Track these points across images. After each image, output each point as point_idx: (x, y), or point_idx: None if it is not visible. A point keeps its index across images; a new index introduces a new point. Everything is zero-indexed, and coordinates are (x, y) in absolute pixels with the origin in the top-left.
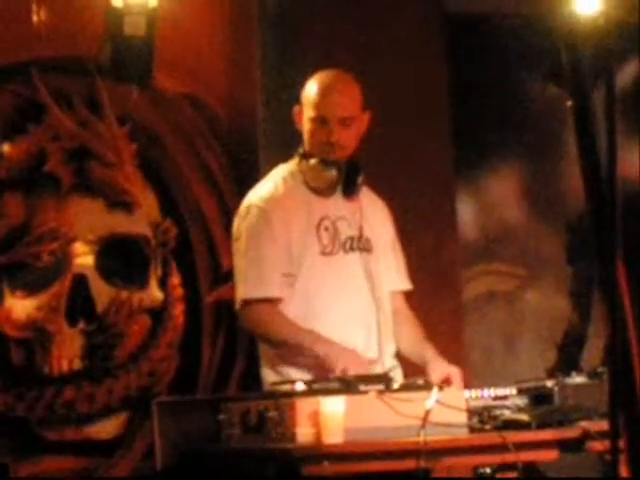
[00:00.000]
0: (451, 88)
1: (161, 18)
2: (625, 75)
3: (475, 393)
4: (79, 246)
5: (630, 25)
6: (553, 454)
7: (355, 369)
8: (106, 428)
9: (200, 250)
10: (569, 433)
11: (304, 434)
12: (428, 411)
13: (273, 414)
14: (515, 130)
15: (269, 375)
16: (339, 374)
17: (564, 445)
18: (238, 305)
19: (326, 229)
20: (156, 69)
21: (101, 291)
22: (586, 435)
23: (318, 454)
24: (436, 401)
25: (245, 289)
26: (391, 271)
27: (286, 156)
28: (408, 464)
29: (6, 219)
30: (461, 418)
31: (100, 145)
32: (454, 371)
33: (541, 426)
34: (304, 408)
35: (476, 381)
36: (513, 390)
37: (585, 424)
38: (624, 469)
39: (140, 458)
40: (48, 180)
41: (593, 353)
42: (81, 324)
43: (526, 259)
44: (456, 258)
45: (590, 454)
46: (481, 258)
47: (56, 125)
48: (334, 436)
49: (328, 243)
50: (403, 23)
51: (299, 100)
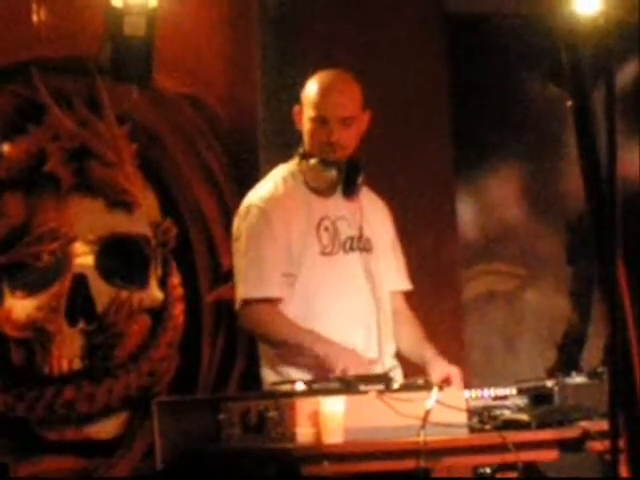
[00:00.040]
0: (451, 88)
1: (161, 18)
2: (625, 75)
3: (475, 393)
4: (79, 246)
5: (630, 25)
6: (553, 454)
7: (355, 369)
8: (106, 428)
9: (200, 250)
10: (569, 433)
11: (304, 434)
12: (428, 411)
13: (273, 414)
14: (515, 130)
15: (269, 375)
16: (339, 374)
17: (564, 445)
18: (238, 305)
19: (326, 229)
20: (156, 69)
21: (101, 291)
22: (586, 435)
23: (318, 454)
24: (436, 401)
25: (245, 289)
26: (391, 271)
27: (286, 156)
28: (408, 464)
29: (6, 219)
30: (461, 418)
31: (100, 145)
32: (454, 371)
33: (541, 426)
34: (304, 408)
35: (476, 381)
36: (513, 390)
37: (585, 424)
38: (624, 469)
39: (140, 458)
40: (48, 180)
41: (593, 353)
42: (81, 324)
43: (526, 259)
44: (456, 258)
45: (590, 454)
46: (481, 258)
47: (56, 125)
48: (334, 436)
49: (328, 243)
50: (403, 23)
51: (299, 100)
